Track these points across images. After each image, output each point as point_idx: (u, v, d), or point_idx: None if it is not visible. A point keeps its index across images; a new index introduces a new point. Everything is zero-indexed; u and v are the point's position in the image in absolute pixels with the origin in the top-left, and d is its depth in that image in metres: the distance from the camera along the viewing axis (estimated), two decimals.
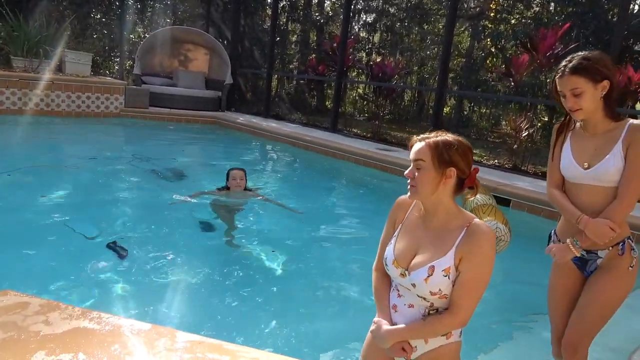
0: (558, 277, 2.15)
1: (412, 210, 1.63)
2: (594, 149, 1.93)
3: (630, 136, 1.86)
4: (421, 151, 1.52)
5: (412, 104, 17.34)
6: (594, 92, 1.86)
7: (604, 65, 1.87)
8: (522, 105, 9.70)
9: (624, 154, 1.86)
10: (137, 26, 15.53)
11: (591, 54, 1.89)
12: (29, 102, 9.00)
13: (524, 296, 3.52)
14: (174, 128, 10.06)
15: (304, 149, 8.47)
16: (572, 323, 2.03)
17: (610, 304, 1.98)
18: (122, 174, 6.01)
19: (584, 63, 1.85)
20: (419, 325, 1.51)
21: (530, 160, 7.98)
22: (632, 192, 1.87)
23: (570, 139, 2.03)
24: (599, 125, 1.94)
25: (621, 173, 1.87)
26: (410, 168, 1.54)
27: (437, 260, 1.48)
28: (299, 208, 4.90)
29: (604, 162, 1.89)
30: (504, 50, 12.43)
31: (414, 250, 1.54)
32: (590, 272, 2.03)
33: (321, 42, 14.92)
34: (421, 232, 1.56)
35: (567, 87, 1.88)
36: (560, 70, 1.91)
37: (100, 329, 1.30)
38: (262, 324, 2.65)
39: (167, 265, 3.31)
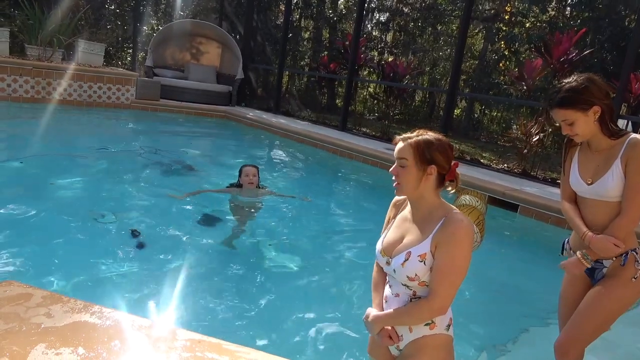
0: (569, 284, 2.19)
1: (403, 207, 1.74)
2: (596, 165, 1.98)
3: (627, 153, 1.89)
4: (404, 150, 1.60)
5: (423, 105, 17.26)
6: (586, 119, 1.91)
7: (591, 94, 1.89)
8: (534, 109, 9.61)
9: (623, 170, 1.89)
10: (150, 18, 15.58)
11: (577, 83, 1.91)
12: (41, 91, 9.07)
13: (530, 300, 3.50)
14: (183, 121, 10.09)
15: (313, 146, 8.46)
16: (567, 327, 2.06)
17: (607, 312, 1.98)
18: (130, 165, 6.03)
19: (568, 96, 1.90)
20: (399, 311, 1.60)
21: (540, 166, 7.90)
22: (634, 207, 1.89)
23: (578, 153, 2.08)
24: (601, 143, 1.98)
25: (620, 189, 1.90)
26: (394, 166, 1.62)
27: (415, 246, 1.58)
28: (304, 203, 4.91)
29: (604, 179, 1.93)
30: (518, 53, 12.33)
31: (399, 241, 1.66)
32: (597, 280, 2.05)
33: (333, 40, 14.90)
34: (408, 224, 1.67)
35: (558, 118, 1.96)
36: (549, 103, 1.97)
37: (101, 324, 1.30)
38: (265, 324, 2.64)
39: (172, 260, 3.31)
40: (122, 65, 14.39)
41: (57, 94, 9.22)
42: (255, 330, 2.56)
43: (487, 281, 3.83)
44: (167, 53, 12.33)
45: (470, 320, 3.15)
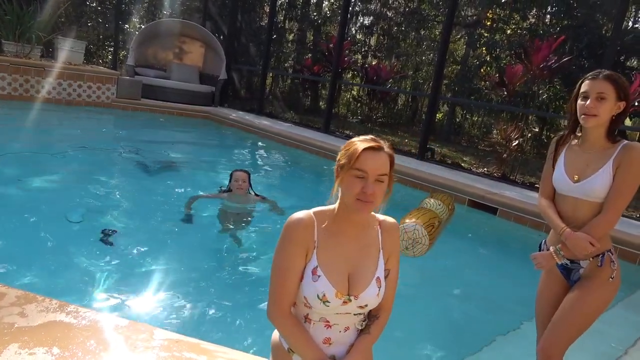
0: (545, 284, 2.21)
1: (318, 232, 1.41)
2: (586, 164, 1.99)
3: (621, 156, 1.93)
4: (383, 165, 1.37)
5: (406, 109, 17.39)
6: (612, 106, 1.94)
7: (628, 89, 1.98)
8: (514, 115, 9.77)
9: (613, 173, 1.92)
10: (133, 17, 15.39)
11: (621, 76, 1.99)
12: (19, 88, 8.88)
13: (509, 303, 3.54)
14: (165, 121, 9.98)
15: (296, 148, 8.45)
16: (548, 330, 2.06)
17: (586, 313, 2.01)
18: (109, 164, 5.95)
19: (616, 76, 1.95)
20: (363, 344, 1.43)
21: (519, 170, 8.05)
22: (615, 209, 1.93)
23: (565, 152, 2.09)
24: (596, 142, 2.00)
25: (607, 190, 1.93)
26: (370, 185, 1.33)
27: (378, 270, 1.43)
28: (288, 206, 4.89)
29: (593, 178, 1.95)
30: (499, 59, 12.52)
31: (347, 272, 1.41)
32: (574, 282, 2.08)
33: (318, 42, 14.92)
34: (345, 248, 1.42)
35: (595, 89, 1.94)
36: (594, 74, 1.98)
37: (77, 323, 1.28)
38: (244, 325, 2.63)
39: (150, 260, 3.27)
40: (103, 63, 14.18)
41: (35, 91, 9.03)
42: (233, 330, 2.55)
43: (465, 283, 3.88)
44: (150, 52, 12.19)
45: (449, 322, 3.19)
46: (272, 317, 1.39)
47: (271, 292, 1.39)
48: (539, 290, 2.24)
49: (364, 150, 1.33)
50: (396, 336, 2.84)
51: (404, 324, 3.07)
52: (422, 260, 3.52)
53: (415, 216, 3.56)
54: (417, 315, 3.25)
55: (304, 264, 1.38)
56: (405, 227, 3.46)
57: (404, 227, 3.48)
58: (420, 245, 3.42)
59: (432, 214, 3.73)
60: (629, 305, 3.56)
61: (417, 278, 3.86)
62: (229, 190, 4.41)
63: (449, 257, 4.22)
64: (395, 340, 2.79)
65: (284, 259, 1.38)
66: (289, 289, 1.37)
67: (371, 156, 1.34)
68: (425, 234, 3.39)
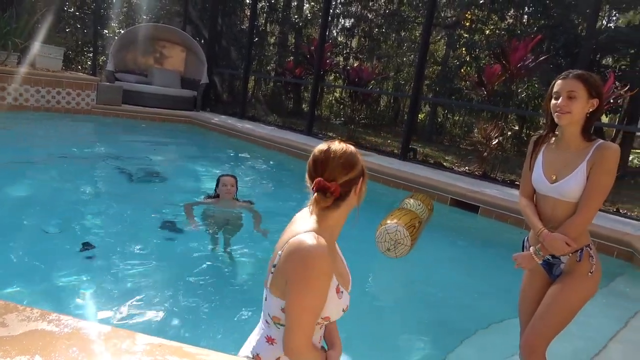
0: (528, 280, 2.25)
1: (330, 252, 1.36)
2: (563, 165, 2.03)
3: (595, 156, 1.96)
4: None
5: (388, 110, 17.53)
6: (584, 104, 1.98)
7: (601, 87, 2.02)
8: (494, 113, 9.92)
9: (587, 173, 1.96)
10: (112, 22, 15.25)
11: (593, 74, 2.04)
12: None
13: (491, 299, 3.60)
14: (147, 127, 9.91)
15: (279, 151, 8.46)
16: (530, 325, 2.11)
17: (569, 308, 2.05)
18: (91, 172, 5.89)
19: (587, 75, 2.00)
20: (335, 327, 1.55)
21: (500, 168, 8.17)
22: (589, 209, 1.98)
23: (543, 152, 2.13)
24: (572, 141, 2.04)
25: (582, 191, 1.98)
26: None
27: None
28: (272, 210, 4.89)
29: (568, 179, 1.99)
30: (478, 59, 12.70)
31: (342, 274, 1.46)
32: (556, 276, 2.13)
33: (299, 45, 14.95)
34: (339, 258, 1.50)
35: (566, 88, 1.99)
36: (565, 73, 2.04)
37: (58, 331, 1.28)
38: (225, 329, 2.64)
39: (132, 267, 3.26)
40: (82, 69, 14.01)
41: (12, 98, 8.89)
42: (215, 333, 2.56)
43: (448, 280, 3.94)
44: (129, 57, 12.09)
45: (433, 319, 3.23)
46: (301, 351, 1.32)
47: (300, 331, 1.29)
48: (523, 286, 2.28)
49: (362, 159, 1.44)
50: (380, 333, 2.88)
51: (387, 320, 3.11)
52: (405, 258, 3.56)
53: (396, 217, 3.61)
54: (400, 312, 3.29)
55: None
56: (387, 228, 3.50)
57: (386, 228, 3.52)
58: (402, 246, 3.46)
59: (413, 215, 3.78)
60: (609, 296, 3.66)
61: (400, 276, 3.91)
62: (216, 195, 4.37)
63: (432, 255, 4.28)
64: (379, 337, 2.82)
65: (320, 299, 1.30)
66: (315, 324, 1.34)
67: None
68: (407, 234, 3.44)
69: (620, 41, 10.65)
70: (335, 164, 1.37)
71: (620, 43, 10.72)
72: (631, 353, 2.79)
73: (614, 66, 12.13)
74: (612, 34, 10.90)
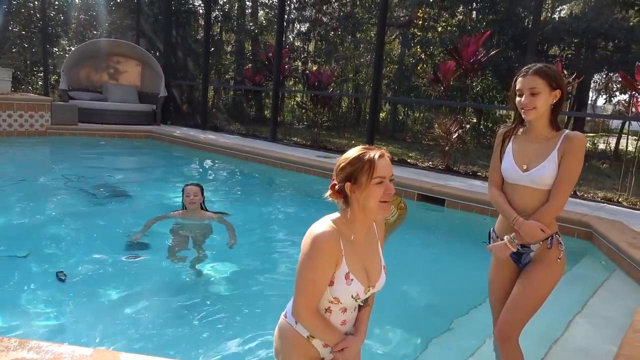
0: (496, 269, 2.32)
1: (343, 241, 1.58)
2: (533, 154, 2.10)
3: (564, 145, 2.05)
4: (391, 165, 1.58)
5: (350, 111, 17.72)
6: (547, 97, 2.05)
7: (560, 78, 2.09)
8: (452, 108, 10.19)
9: (558, 161, 2.05)
10: (61, 39, 14.81)
11: (551, 66, 2.11)
12: None
13: (462, 287, 3.69)
14: (106, 144, 9.67)
15: (244, 159, 8.43)
16: (504, 312, 2.17)
17: (540, 293, 2.14)
18: (54, 194, 5.70)
19: (545, 69, 2.07)
20: (366, 314, 1.72)
21: (462, 161, 8.41)
22: (561, 196, 2.07)
23: (512, 143, 2.20)
24: (541, 132, 2.12)
25: (554, 177, 2.06)
26: (389, 185, 1.54)
27: (382, 260, 1.71)
28: (243, 220, 4.88)
29: (541, 167, 2.07)
30: (433, 56, 13.02)
31: (365, 268, 1.63)
32: (524, 264, 2.20)
33: (256, 52, 14.94)
34: (360, 248, 1.63)
35: (527, 85, 2.06)
36: (525, 70, 2.10)
37: (39, 358, 1.26)
38: (208, 342, 2.62)
39: (104, 288, 3.19)
40: (33, 90, 13.56)
41: None
42: (196, 347, 2.54)
43: (419, 273, 4.03)
44: (82, 74, 11.79)
45: (407, 311, 3.31)
46: (302, 317, 1.57)
47: (301, 297, 1.55)
48: (491, 276, 2.34)
49: (378, 158, 1.53)
50: None
51: None
52: None
53: None
54: (376, 308, 3.35)
55: (333, 272, 1.55)
56: None
57: None
58: None
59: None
60: (572, 275, 3.83)
61: None
62: (183, 208, 4.28)
63: (402, 250, 4.36)
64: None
65: (316, 272, 1.53)
66: (318, 295, 1.56)
67: (384, 162, 1.54)
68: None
69: (565, 31, 11.15)
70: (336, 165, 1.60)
71: (565, 33, 11.22)
72: (594, 328, 2.94)
73: (560, 55, 12.68)
74: (556, 25, 11.39)
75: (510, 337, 2.14)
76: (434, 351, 2.63)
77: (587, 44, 11.88)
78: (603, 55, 11.70)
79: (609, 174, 9.12)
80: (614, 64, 11.34)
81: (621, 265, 3.90)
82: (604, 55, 11.70)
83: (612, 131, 15.65)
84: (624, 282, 3.68)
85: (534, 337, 2.62)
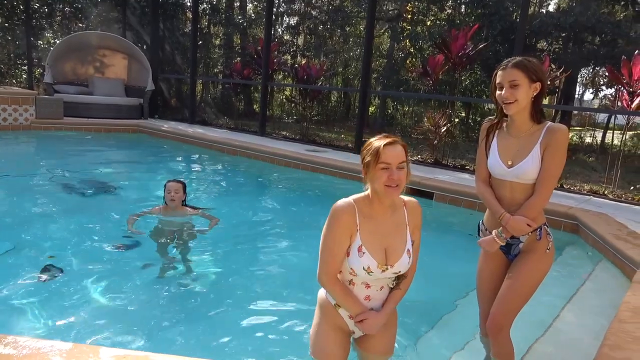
0: (485, 261, 2.32)
1: (359, 216, 1.77)
2: (517, 149, 2.11)
3: (546, 139, 2.05)
4: (401, 155, 1.72)
5: (339, 105, 17.69)
6: (528, 90, 2.04)
7: (540, 70, 2.09)
8: (441, 102, 10.22)
9: (541, 155, 2.05)
10: (45, 31, 14.56)
11: (531, 59, 2.11)
12: None
13: (449, 279, 3.70)
14: (92, 139, 9.53)
15: (233, 154, 8.38)
16: (496, 304, 2.18)
17: (531, 284, 2.15)
18: (38, 190, 5.61)
19: (524, 62, 2.06)
20: (398, 295, 1.87)
21: (450, 154, 8.44)
22: (546, 189, 2.07)
23: (497, 138, 2.20)
24: (522, 126, 2.12)
25: (538, 172, 2.06)
26: (394, 172, 1.70)
27: (407, 243, 1.84)
28: (231, 215, 4.84)
29: (524, 162, 2.07)
30: (422, 50, 13.03)
31: (383, 247, 1.78)
32: (514, 256, 2.22)
33: (245, 46, 14.82)
34: (381, 227, 1.80)
35: (507, 78, 2.06)
36: (504, 64, 2.10)
37: (17, 354, 1.23)
38: (191, 336, 2.59)
39: (88, 284, 3.14)
40: (17, 83, 13.33)
41: None
42: (178, 341, 2.52)
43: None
44: (68, 68, 11.60)
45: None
46: (323, 282, 1.80)
47: (322, 263, 1.78)
48: (479, 268, 2.34)
49: (384, 146, 1.70)
50: None
51: None
52: None
53: None
54: None
55: (349, 244, 1.76)
56: None
57: None
58: None
59: None
60: (560, 265, 3.87)
61: None
62: (165, 203, 4.16)
63: None
64: None
65: (332, 242, 1.76)
66: (336, 263, 1.77)
67: (390, 150, 1.70)
68: None
69: (552, 25, 11.21)
70: None
71: (552, 27, 11.28)
72: (581, 319, 2.96)
73: (548, 49, 12.76)
74: (544, 19, 11.44)
75: (503, 328, 2.15)
76: (422, 346, 2.63)
77: (575, 39, 11.97)
78: (590, 49, 11.79)
79: (595, 167, 9.21)
80: (600, 58, 11.44)
81: (607, 256, 3.94)
82: (590, 49, 11.79)
83: (599, 125, 15.79)
84: (610, 273, 3.72)
85: (523, 328, 2.63)
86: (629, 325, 2.25)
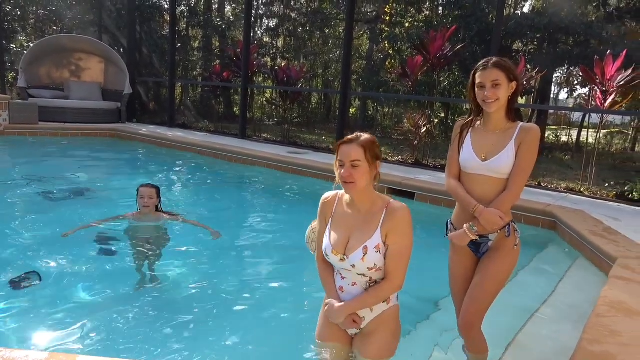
0: (455, 261, 2.37)
1: (337, 205, 1.96)
2: (491, 144, 2.17)
3: (521, 136, 2.13)
4: (355, 152, 1.79)
5: (320, 107, 17.71)
6: (507, 88, 2.14)
7: (515, 70, 2.19)
8: (421, 103, 10.31)
9: (516, 150, 2.12)
10: (18, 35, 14.24)
11: (506, 59, 2.20)
12: None
13: (433, 281, 3.72)
14: (69, 144, 9.34)
15: (213, 157, 8.31)
16: (466, 303, 2.23)
17: (499, 279, 2.21)
18: (13, 198, 5.47)
19: (502, 62, 2.16)
20: (364, 297, 1.87)
21: (430, 155, 8.52)
22: (518, 185, 2.14)
23: (470, 134, 2.26)
24: (498, 123, 2.19)
25: (511, 167, 2.13)
26: (345, 169, 1.79)
27: (368, 240, 1.83)
28: (211, 218, 4.79)
29: (499, 157, 2.14)
30: (401, 52, 13.13)
31: (347, 237, 1.87)
32: (482, 254, 2.27)
33: (224, 48, 14.73)
34: (351, 220, 1.89)
35: (489, 78, 2.13)
36: (483, 64, 2.16)
37: None
38: (167, 343, 2.54)
39: (64, 290, 3.07)
40: None
41: None
42: (155, 349, 2.48)
43: None
44: (42, 71, 11.37)
45: None
46: (317, 264, 2.01)
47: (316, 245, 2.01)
48: (451, 268, 2.40)
49: (340, 144, 1.84)
50: None
51: None
52: None
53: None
54: None
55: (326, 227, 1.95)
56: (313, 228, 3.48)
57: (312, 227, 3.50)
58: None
59: None
60: (539, 262, 3.93)
61: None
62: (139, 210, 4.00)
63: None
64: None
65: (319, 224, 2.01)
66: (321, 244, 1.97)
67: (344, 148, 1.81)
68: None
69: (527, 27, 11.41)
70: None
71: (527, 28, 11.48)
72: (559, 315, 3.01)
73: (524, 50, 12.98)
74: (519, 20, 11.63)
75: (474, 325, 2.22)
76: (406, 347, 2.64)
77: (549, 39, 12.20)
78: (564, 50, 12.03)
79: (571, 165, 9.41)
80: (574, 59, 11.68)
81: (584, 252, 4.02)
82: (565, 50, 12.02)
83: (574, 124, 16.13)
84: (587, 269, 3.79)
85: (501, 325, 2.67)
86: (606, 320, 2.30)
